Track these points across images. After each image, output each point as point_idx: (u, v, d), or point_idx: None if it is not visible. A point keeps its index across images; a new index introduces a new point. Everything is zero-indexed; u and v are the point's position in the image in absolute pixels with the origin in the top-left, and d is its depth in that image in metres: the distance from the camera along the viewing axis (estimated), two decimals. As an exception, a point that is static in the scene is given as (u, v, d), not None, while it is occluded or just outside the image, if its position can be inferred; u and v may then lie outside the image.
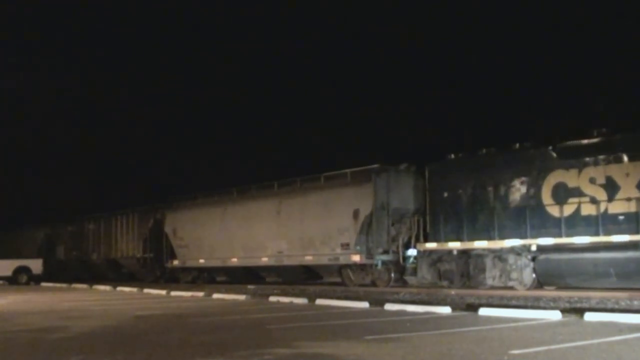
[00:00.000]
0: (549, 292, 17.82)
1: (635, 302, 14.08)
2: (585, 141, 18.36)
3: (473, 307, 13.65)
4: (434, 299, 16.80)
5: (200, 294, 21.32)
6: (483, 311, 12.76)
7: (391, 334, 9.72)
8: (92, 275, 36.78)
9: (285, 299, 17.86)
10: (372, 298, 16.68)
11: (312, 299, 17.33)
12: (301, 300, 17.23)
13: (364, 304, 15.05)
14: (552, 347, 8.18)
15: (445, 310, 13.29)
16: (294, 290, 21.49)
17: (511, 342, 8.73)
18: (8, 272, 34.21)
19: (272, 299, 18.28)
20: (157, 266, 32.18)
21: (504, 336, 9.39)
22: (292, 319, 12.68)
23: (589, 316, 11.37)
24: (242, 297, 19.19)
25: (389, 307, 14.33)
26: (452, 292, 18.98)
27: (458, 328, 10.55)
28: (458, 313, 13.15)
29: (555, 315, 11.75)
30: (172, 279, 31.21)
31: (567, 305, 13.95)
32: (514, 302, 15.24)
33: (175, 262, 30.64)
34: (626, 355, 7.65)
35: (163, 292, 23.41)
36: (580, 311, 12.05)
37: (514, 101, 42.18)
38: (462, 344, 8.59)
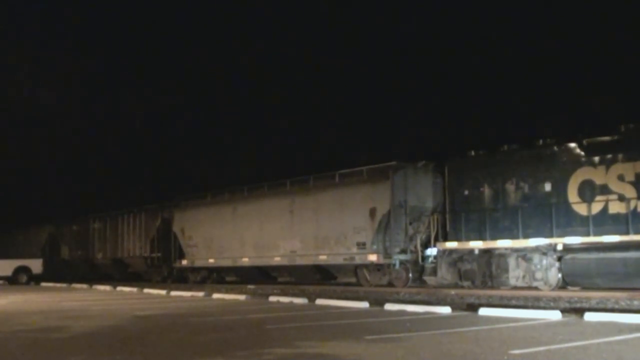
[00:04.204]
0: (550, 293, 18.27)
1: (635, 302, 14.58)
2: (613, 137, 18.71)
3: (473, 307, 14.27)
4: (434, 299, 17.41)
5: (200, 294, 22.10)
6: (483, 311, 13.35)
7: (391, 334, 10.27)
8: (97, 275, 37.73)
9: (285, 299, 18.54)
10: (372, 298, 17.32)
11: (312, 299, 18.01)
12: (301, 300, 17.90)
13: (364, 304, 15.68)
14: (552, 347, 8.67)
15: (445, 310, 13.88)
16: (294, 290, 22.21)
17: (511, 342, 9.23)
18: (8, 272, 35.24)
19: (272, 298, 18.96)
20: (165, 266, 32.99)
21: (504, 336, 9.92)
22: (292, 319, 13.26)
23: (589, 316, 11.91)
24: (242, 297, 19.91)
25: (389, 307, 14.95)
26: (452, 292, 19.51)
27: (458, 328, 11.09)
28: (458, 313, 13.73)
29: (555, 315, 12.30)
30: (180, 278, 32.04)
31: (567, 305, 14.50)
32: (514, 302, 15.81)
33: (184, 262, 31.44)
34: (626, 355, 8.11)
35: (163, 292, 24.27)
36: (580, 311, 12.60)
37: (529, 99, 42.44)
38: (462, 344, 9.13)
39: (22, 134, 61.13)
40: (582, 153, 19.13)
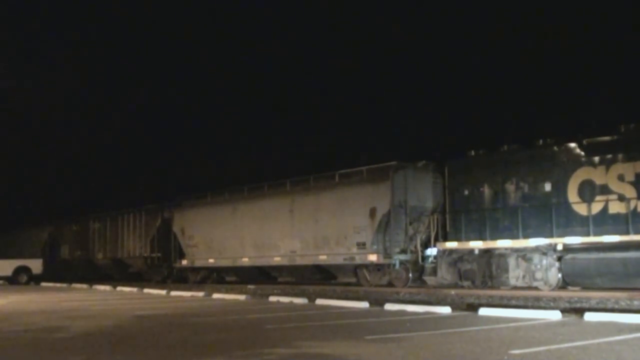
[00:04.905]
0: (550, 293, 18.29)
1: (635, 302, 14.61)
2: (613, 137, 18.71)
3: (473, 307, 14.30)
4: (434, 299, 17.44)
5: (200, 294, 22.12)
6: (483, 311, 13.36)
7: (391, 334, 10.28)
8: (97, 275, 37.76)
9: (285, 299, 18.58)
10: (372, 298, 17.35)
11: (312, 299, 18.04)
12: (301, 300, 17.93)
13: (364, 304, 15.69)
14: (552, 347, 8.68)
15: (445, 310, 13.90)
16: (294, 290, 22.25)
17: (511, 342, 9.24)
18: (8, 272, 35.28)
19: (272, 298, 19.00)
20: (165, 266, 33.03)
21: (504, 336, 9.92)
22: (292, 319, 13.28)
23: (589, 316, 11.93)
24: (242, 297, 19.94)
25: (389, 307, 14.97)
26: (452, 292, 19.53)
27: (458, 328, 11.11)
28: (458, 313, 13.75)
29: (555, 315, 12.31)
30: (180, 278, 32.09)
31: (567, 305, 14.52)
32: (514, 302, 15.83)
33: (184, 262, 31.47)
34: (626, 355, 8.12)
35: (163, 292, 24.33)
36: (580, 311, 12.62)
37: (529, 99, 42.51)
38: (462, 344, 9.13)
39: (22, 134, 61.19)
40: (582, 153, 19.14)
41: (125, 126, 62.85)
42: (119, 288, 27.32)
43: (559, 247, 19.06)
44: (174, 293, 23.38)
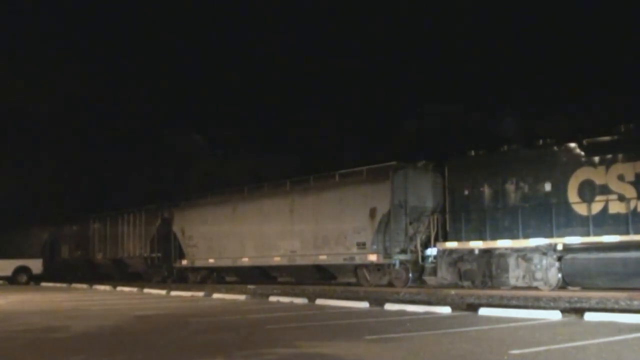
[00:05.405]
0: (550, 293, 18.29)
1: (635, 302, 14.63)
2: (613, 137, 18.71)
3: (473, 307, 14.29)
4: (434, 299, 17.44)
5: (200, 294, 22.14)
6: (483, 311, 13.38)
7: (391, 334, 10.30)
8: (97, 275, 37.74)
9: (285, 299, 18.58)
10: (372, 298, 17.31)
11: (312, 299, 18.02)
12: (301, 300, 17.94)
13: (364, 304, 15.70)
14: (552, 347, 8.69)
15: (445, 310, 13.91)
16: (294, 290, 22.25)
17: (511, 342, 9.25)
18: (8, 272, 35.28)
19: (272, 299, 19.01)
20: (165, 266, 33.02)
21: (504, 336, 9.94)
22: (292, 319, 13.29)
23: (589, 316, 11.95)
24: (242, 297, 19.96)
25: (389, 307, 14.98)
26: (452, 292, 19.54)
27: (458, 328, 11.12)
28: (458, 313, 13.77)
29: (555, 315, 12.33)
30: (180, 278, 32.07)
31: (567, 305, 14.50)
32: (514, 302, 15.83)
33: (184, 262, 31.48)
34: (626, 355, 8.12)
35: (163, 292, 24.34)
36: (580, 311, 12.63)
37: (529, 99, 42.46)
38: (462, 344, 9.15)
39: (22, 134, 61.07)
40: (582, 153, 19.14)
41: (125, 126, 62.74)
42: (119, 288, 27.32)
43: (559, 247, 19.07)
44: (174, 293, 23.39)
